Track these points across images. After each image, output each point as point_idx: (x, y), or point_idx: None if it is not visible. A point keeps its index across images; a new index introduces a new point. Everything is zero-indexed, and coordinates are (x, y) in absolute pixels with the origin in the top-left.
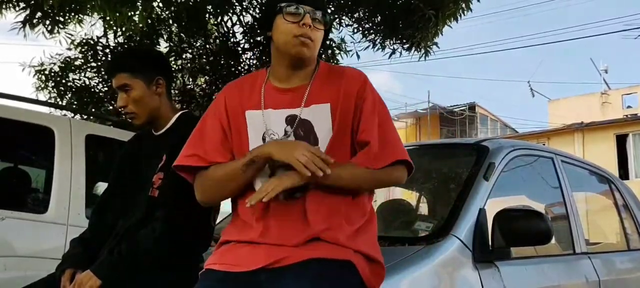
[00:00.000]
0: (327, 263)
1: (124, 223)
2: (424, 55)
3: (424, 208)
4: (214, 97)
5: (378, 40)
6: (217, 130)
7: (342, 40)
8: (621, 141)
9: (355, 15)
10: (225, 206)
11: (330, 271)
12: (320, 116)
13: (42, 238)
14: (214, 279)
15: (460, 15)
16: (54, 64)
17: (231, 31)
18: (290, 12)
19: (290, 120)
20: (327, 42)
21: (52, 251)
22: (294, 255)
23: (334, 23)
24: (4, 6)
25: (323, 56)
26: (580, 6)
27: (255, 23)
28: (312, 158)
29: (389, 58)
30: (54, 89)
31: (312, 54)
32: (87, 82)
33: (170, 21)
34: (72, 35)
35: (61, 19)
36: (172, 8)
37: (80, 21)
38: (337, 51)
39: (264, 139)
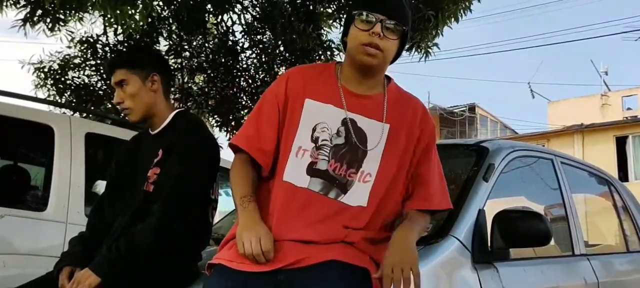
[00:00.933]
0: (346, 268)
1: (122, 221)
2: (424, 56)
3: None
4: (211, 95)
5: None
6: (273, 115)
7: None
8: (621, 143)
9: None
10: (224, 206)
11: (349, 276)
12: (374, 132)
13: (42, 236)
14: (231, 278)
15: (461, 16)
16: (54, 61)
17: (231, 30)
18: (362, 20)
19: (347, 122)
20: (327, 43)
21: (52, 249)
22: (314, 255)
23: (334, 23)
24: (4, 4)
25: (322, 56)
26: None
27: (255, 22)
28: (255, 248)
29: None
30: (53, 87)
31: (380, 64)
32: (87, 80)
33: (170, 19)
34: (72, 32)
35: (61, 17)
36: (172, 6)
37: (80, 19)
38: (335, 52)
39: (314, 130)
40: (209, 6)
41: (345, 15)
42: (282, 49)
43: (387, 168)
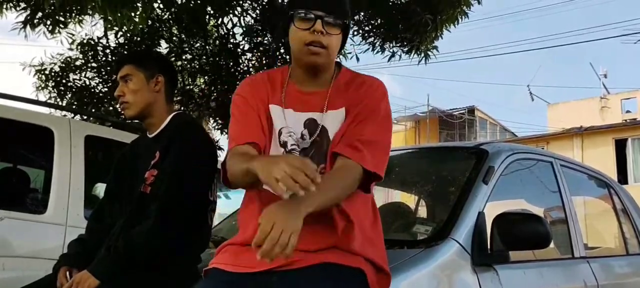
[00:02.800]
0: (340, 269)
1: (120, 223)
2: (423, 59)
3: (422, 212)
4: (212, 97)
5: (378, 43)
6: (252, 114)
7: None
8: (620, 146)
9: (355, 18)
10: (223, 208)
11: (342, 277)
12: (335, 121)
13: (41, 238)
14: (223, 280)
15: (459, 20)
16: (55, 64)
17: (231, 32)
18: (301, 18)
19: (309, 124)
20: None
21: (51, 251)
22: (306, 258)
23: None
24: (5, 6)
25: None
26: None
27: (255, 25)
28: (293, 173)
29: (388, 61)
30: (54, 89)
31: (326, 61)
32: (87, 82)
33: (171, 22)
34: (72, 35)
35: (62, 19)
36: (173, 9)
37: (80, 21)
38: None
39: (279, 134)
40: (209, 9)
41: (286, 15)
42: (282, 50)
43: None
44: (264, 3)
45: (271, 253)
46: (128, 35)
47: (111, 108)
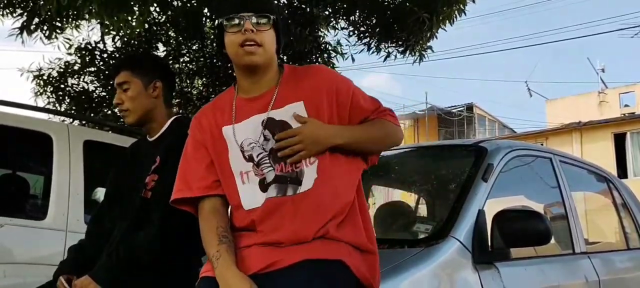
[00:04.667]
0: (320, 265)
1: (121, 228)
2: (418, 59)
3: (423, 210)
4: (210, 99)
5: (373, 43)
6: (199, 156)
7: (338, 42)
8: (619, 140)
9: (351, 18)
10: None
11: (323, 273)
12: (295, 114)
13: (41, 244)
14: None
15: (455, 18)
16: (53, 69)
17: None
18: (231, 24)
19: (268, 123)
20: (323, 46)
21: (51, 257)
22: (287, 257)
23: (330, 25)
24: (1, 13)
25: (319, 59)
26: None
27: None
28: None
29: (384, 61)
30: (53, 94)
31: (265, 58)
32: (86, 87)
33: (168, 25)
34: (69, 39)
35: (58, 25)
36: (169, 12)
37: (77, 26)
38: (332, 54)
39: (242, 152)
40: (205, 11)
41: (216, 30)
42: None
43: None
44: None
45: (281, 151)
46: (125, 39)
47: (110, 112)
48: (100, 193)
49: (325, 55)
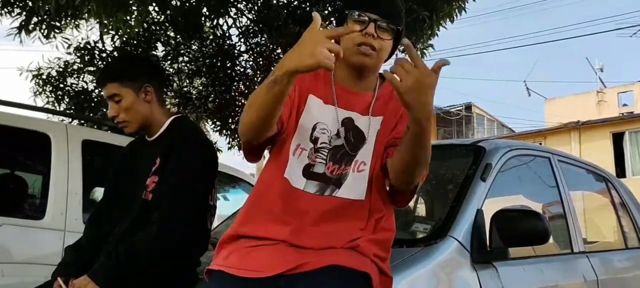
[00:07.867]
0: (346, 273)
1: (121, 228)
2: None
3: (421, 210)
4: (210, 99)
5: None
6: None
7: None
8: (617, 139)
9: None
10: (222, 210)
11: (350, 282)
12: (371, 128)
13: (40, 244)
14: (230, 284)
15: (455, 16)
16: (52, 68)
17: (227, 34)
18: (355, 20)
19: (346, 122)
20: None
21: (50, 257)
22: (314, 260)
23: (329, 26)
24: None
25: None
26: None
27: (251, 26)
28: (331, 47)
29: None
30: (52, 94)
31: (375, 64)
32: (85, 87)
33: (167, 24)
34: (68, 39)
35: (57, 24)
36: (168, 12)
37: (77, 26)
38: None
39: (313, 130)
40: (204, 10)
41: (337, 15)
42: (278, 51)
43: (378, 158)
44: (259, 4)
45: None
46: (124, 38)
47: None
48: (98, 193)
49: None
